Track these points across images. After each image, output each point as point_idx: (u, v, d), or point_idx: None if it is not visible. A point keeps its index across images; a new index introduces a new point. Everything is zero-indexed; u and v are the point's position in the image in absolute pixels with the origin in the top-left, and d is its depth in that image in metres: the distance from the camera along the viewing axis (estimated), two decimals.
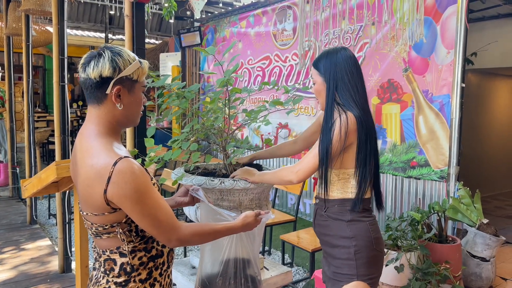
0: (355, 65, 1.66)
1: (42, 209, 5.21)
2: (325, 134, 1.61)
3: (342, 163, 1.64)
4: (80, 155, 1.28)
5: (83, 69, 1.27)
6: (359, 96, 1.62)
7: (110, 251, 1.31)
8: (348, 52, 1.68)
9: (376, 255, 1.66)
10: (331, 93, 1.64)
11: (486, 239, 3.21)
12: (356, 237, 1.63)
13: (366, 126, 1.60)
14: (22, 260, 3.56)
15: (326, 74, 1.67)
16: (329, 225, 1.71)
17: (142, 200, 1.22)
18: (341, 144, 1.58)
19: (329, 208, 1.71)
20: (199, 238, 1.36)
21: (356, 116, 1.58)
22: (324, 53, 1.71)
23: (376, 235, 1.67)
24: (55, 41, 3.01)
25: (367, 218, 1.66)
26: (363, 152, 1.60)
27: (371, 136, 1.62)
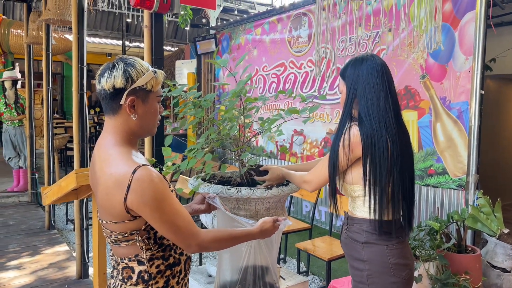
0: (382, 76, 1.52)
1: (60, 215, 5.28)
2: (333, 147, 1.56)
3: (356, 179, 1.55)
4: (99, 164, 1.30)
5: (98, 80, 1.29)
6: (377, 110, 1.50)
7: (128, 259, 1.32)
8: (376, 60, 1.55)
9: (396, 282, 1.53)
10: (348, 105, 1.56)
11: (507, 249, 3.13)
12: (370, 261, 1.53)
13: (374, 141, 1.47)
14: (40, 265, 3.61)
15: (347, 85, 1.57)
16: (347, 244, 1.64)
17: (161, 207, 1.24)
18: (347, 158, 1.52)
19: (350, 226, 1.63)
20: (219, 244, 1.37)
21: (361, 130, 1.49)
22: (351, 61, 1.61)
23: (397, 260, 1.53)
24: (74, 50, 3.07)
25: (386, 241, 1.53)
26: (372, 169, 1.49)
27: (380, 152, 1.47)
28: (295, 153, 5.26)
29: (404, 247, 1.57)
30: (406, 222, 1.58)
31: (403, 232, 1.57)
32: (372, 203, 1.51)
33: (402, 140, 1.53)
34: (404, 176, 1.53)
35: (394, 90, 1.56)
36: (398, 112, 1.55)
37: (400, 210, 1.54)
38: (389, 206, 1.53)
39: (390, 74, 1.56)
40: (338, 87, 1.68)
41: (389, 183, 1.50)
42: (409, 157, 1.57)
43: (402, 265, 1.54)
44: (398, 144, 1.49)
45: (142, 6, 2.02)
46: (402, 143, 1.52)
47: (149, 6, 2.00)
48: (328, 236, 3.37)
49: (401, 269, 1.54)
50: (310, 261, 3.61)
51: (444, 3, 3.58)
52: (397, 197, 1.52)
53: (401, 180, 1.52)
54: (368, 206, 1.54)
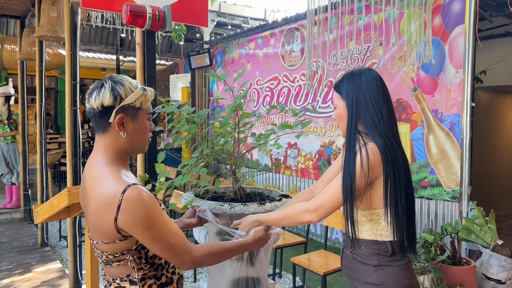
0: (380, 88, 1.48)
1: (53, 231, 5.23)
2: (348, 167, 1.44)
3: (371, 203, 1.46)
4: (90, 184, 1.30)
5: (88, 99, 1.30)
6: (383, 123, 1.44)
7: (120, 279, 1.31)
8: (373, 74, 1.51)
9: None
10: (354, 121, 1.48)
11: (502, 261, 3.14)
12: (383, 285, 1.46)
13: (392, 158, 1.41)
14: (33, 284, 3.56)
15: (348, 99, 1.51)
16: (354, 268, 1.55)
17: (152, 225, 1.23)
18: (365, 179, 1.41)
19: (356, 249, 1.53)
20: (214, 258, 1.36)
21: (379, 147, 1.40)
22: (347, 75, 1.55)
23: (409, 281, 1.48)
24: (67, 66, 3.08)
25: (398, 262, 1.47)
26: (392, 188, 1.41)
27: (399, 169, 1.41)
28: (290, 166, 5.27)
29: (411, 266, 1.53)
30: (409, 239, 1.50)
31: (410, 251, 1.52)
32: (391, 223, 1.44)
33: (405, 155, 1.49)
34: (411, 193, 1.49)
35: (391, 102, 1.52)
36: (397, 124, 1.52)
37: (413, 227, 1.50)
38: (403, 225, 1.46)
39: (386, 86, 1.53)
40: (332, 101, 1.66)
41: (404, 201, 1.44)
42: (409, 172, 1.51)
43: (413, 285, 1.49)
44: (406, 159, 1.47)
45: (134, 25, 2.04)
46: (405, 157, 1.48)
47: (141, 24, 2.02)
48: (323, 250, 3.36)
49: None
50: (305, 276, 3.59)
51: (433, 17, 3.64)
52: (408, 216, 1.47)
53: (411, 198, 1.48)
54: (383, 229, 1.47)
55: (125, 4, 2.08)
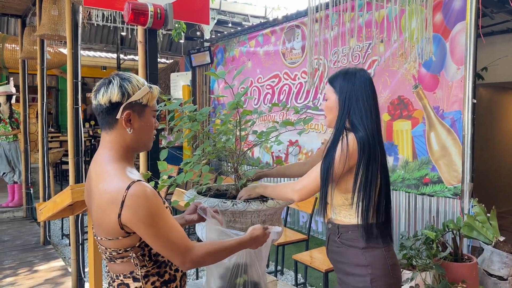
0: (371, 89, 1.62)
1: (55, 229, 5.25)
2: (328, 154, 1.59)
3: (348, 187, 1.60)
4: (95, 180, 1.30)
5: (94, 96, 1.30)
6: (369, 120, 1.58)
7: (123, 276, 1.32)
8: (366, 75, 1.64)
9: (394, 283, 1.61)
10: (344, 115, 1.60)
11: (503, 257, 3.14)
12: (372, 265, 1.58)
13: (369, 149, 1.54)
14: (35, 282, 3.58)
15: (341, 95, 1.62)
16: (343, 252, 1.66)
17: (155, 222, 1.24)
18: (343, 166, 1.54)
19: (343, 234, 1.66)
20: (213, 257, 1.37)
21: (357, 138, 1.55)
22: (343, 72, 1.66)
23: (393, 261, 1.61)
24: (69, 65, 3.08)
25: (383, 244, 1.61)
26: (364, 175, 1.55)
27: (373, 163, 1.56)
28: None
29: (393, 247, 1.66)
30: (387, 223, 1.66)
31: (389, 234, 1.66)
32: (367, 209, 1.58)
33: (383, 147, 1.64)
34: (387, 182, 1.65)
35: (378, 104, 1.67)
36: (380, 124, 1.66)
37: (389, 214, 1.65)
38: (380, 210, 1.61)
39: (375, 88, 1.67)
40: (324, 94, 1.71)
41: (376, 190, 1.59)
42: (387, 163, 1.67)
43: (396, 266, 1.63)
44: (383, 152, 1.62)
45: (136, 23, 2.04)
46: (384, 150, 1.64)
47: (143, 22, 2.02)
48: (325, 247, 3.36)
49: (396, 269, 1.62)
50: (307, 273, 3.60)
51: (434, 14, 3.63)
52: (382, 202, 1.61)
53: (386, 186, 1.62)
54: (364, 212, 1.59)
55: (127, 2, 2.09)
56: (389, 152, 4.14)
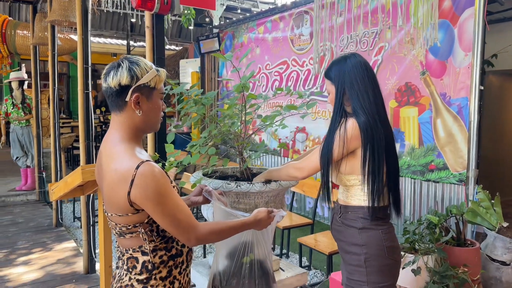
0: (365, 71, 1.63)
1: (67, 213, 5.38)
2: (328, 137, 1.63)
3: (352, 169, 1.64)
4: (105, 159, 1.36)
5: (104, 79, 1.36)
6: (368, 103, 1.59)
7: (132, 250, 1.38)
8: (358, 58, 1.66)
9: (390, 264, 1.65)
10: (339, 99, 1.64)
11: (506, 242, 3.17)
12: (367, 245, 1.63)
13: (373, 133, 1.56)
14: (48, 261, 3.70)
15: (335, 82, 1.66)
16: (342, 231, 1.72)
17: (163, 201, 1.29)
18: (342, 149, 1.59)
19: (344, 214, 1.72)
20: (216, 236, 1.43)
21: (359, 123, 1.57)
22: (335, 61, 1.70)
23: (391, 244, 1.65)
24: (79, 50, 3.14)
25: (381, 226, 1.65)
26: (370, 160, 1.58)
27: (378, 144, 1.58)
28: (298, 150, 5.32)
29: (393, 230, 1.70)
30: (394, 207, 1.70)
31: (390, 217, 1.70)
32: (370, 191, 1.60)
33: (391, 131, 1.66)
34: (395, 164, 1.67)
35: (378, 84, 1.66)
36: (384, 104, 1.67)
37: (391, 196, 1.67)
38: (383, 193, 1.63)
39: (372, 69, 1.67)
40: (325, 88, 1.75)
41: (382, 172, 1.61)
42: (394, 147, 1.69)
43: (394, 248, 1.67)
44: (389, 134, 1.63)
45: (143, 8, 2.09)
46: (391, 133, 1.65)
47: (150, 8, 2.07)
48: (329, 231, 3.42)
49: (393, 251, 1.66)
50: (312, 256, 3.67)
51: (443, 0, 3.62)
52: (391, 184, 1.65)
53: (393, 168, 1.65)
54: (365, 194, 1.63)
55: None
56: (395, 139, 4.16)
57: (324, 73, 1.73)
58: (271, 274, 1.80)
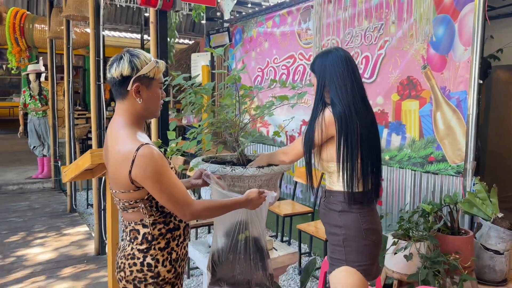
0: (345, 65, 1.73)
1: (81, 200, 5.61)
2: (309, 125, 1.77)
3: (331, 156, 1.75)
4: (110, 142, 1.53)
5: (108, 70, 1.52)
6: (346, 95, 1.70)
7: (134, 223, 1.55)
8: (340, 53, 1.77)
9: (368, 245, 1.76)
10: (319, 91, 1.77)
11: (500, 232, 3.26)
12: (345, 227, 1.75)
13: (347, 122, 1.67)
14: (62, 243, 3.92)
15: (317, 75, 1.78)
16: (326, 214, 1.86)
17: (160, 179, 1.45)
18: (320, 136, 1.72)
19: (327, 198, 1.85)
20: (210, 212, 1.59)
21: (334, 112, 1.69)
22: (318, 55, 1.82)
23: (369, 226, 1.76)
24: (92, 44, 3.32)
25: (359, 210, 1.76)
26: (343, 147, 1.69)
27: (353, 132, 1.67)
28: None
29: (373, 214, 1.79)
30: (374, 192, 1.79)
31: (372, 201, 1.79)
32: (345, 177, 1.72)
33: (369, 121, 1.74)
34: (371, 152, 1.75)
35: (359, 77, 1.77)
36: (364, 96, 1.76)
37: (369, 182, 1.76)
38: (360, 179, 1.73)
39: (355, 63, 1.77)
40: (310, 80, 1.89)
41: (358, 160, 1.71)
42: (375, 136, 1.78)
43: (372, 230, 1.76)
44: (365, 124, 1.71)
45: (147, 5, 2.24)
46: (369, 124, 1.74)
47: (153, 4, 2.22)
48: None
49: (371, 233, 1.76)
50: (313, 243, 3.81)
51: None
52: (366, 172, 1.73)
53: (369, 156, 1.73)
54: (342, 180, 1.73)
55: None
56: (397, 131, 4.27)
57: (310, 66, 1.85)
58: (265, 251, 1.95)
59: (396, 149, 4.26)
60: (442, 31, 3.75)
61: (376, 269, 1.86)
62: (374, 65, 4.45)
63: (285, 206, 3.93)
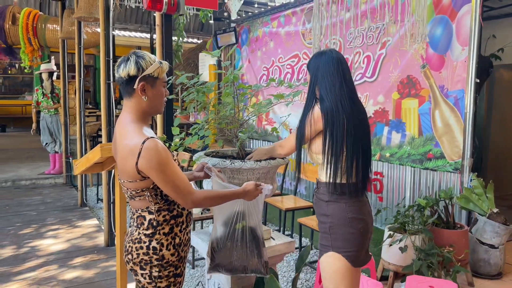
0: (336, 66, 1.85)
1: (91, 195, 5.79)
2: (301, 119, 1.90)
3: (320, 149, 1.87)
4: (119, 136, 1.68)
5: (116, 70, 1.66)
6: (334, 93, 1.82)
7: (141, 210, 1.69)
8: (333, 54, 1.89)
9: (353, 233, 1.85)
10: (312, 89, 1.90)
11: (495, 227, 3.36)
12: (332, 216, 1.87)
13: (333, 118, 1.79)
14: (73, 235, 4.10)
15: (311, 73, 1.92)
16: (316, 203, 1.99)
17: (164, 170, 1.59)
18: (310, 130, 1.85)
19: (318, 188, 1.98)
20: (210, 201, 1.73)
21: (322, 108, 1.82)
22: (314, 55, 1.96)
23: (354, 215, 1.85)
24: (102, 44, 3.48)
25: (345, 200, 1.85)
26: (329, 140, 1.81)
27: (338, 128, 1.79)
28: None
29: (361, 205, 1.89)
30: (361, 184, 1.89)
31: (359, 193, 1.88)
32: (329, 169, 1.84)
33: (357, 117, 1.85)
34: (357, 147, 1.84)
35: (349, 78, 1.89)
36: (352, 95, 1.87)
37: (353, 175, 1.85)
38: (344, 172, 1.84)
39: (346, 65, 1.89)
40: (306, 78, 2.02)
41: (343, 153, 1.82)
42: (364, 131, 1.88)
43: (358, 219, 1.86)
44: (352, 121, 1.82)
45: (153, 9, 2.39)
46: (357, 120, 1.84)
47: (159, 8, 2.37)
48: None
49: (357, 222, 1.86)
50: (313, 237, 3.93)
51: None
52: (350, 165, 1.83)
53: (354, 150, 1.83)
54: (329, 172, 1.85)
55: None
56: (397, 129, 4.38)
57: (307, 65, 1.98)
58: (261, 240, 2.09)
59: (396, 146, 4.37)
60: (440, 31, 3.86)
61: (365, 257, 1.96)
62: (375, 65, 4.57)
63: (287, 201, 4.06)
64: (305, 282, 3.32)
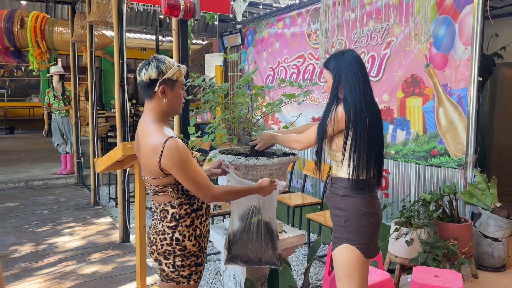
0: (359, 65, 1.93)
1: (103, 194, 5.93)
2: (323, 118, 1.97)
3: (340, 147, 1.95)
4: (142, 136, 1.80)
5: (138, 74, 1.79)
6: (358, 92, 1.89)
7: (164, 204, 1.82)
8: (353, 53, 1.97)
9: (366, 226, 1.95)
10: (335, 87, 1.96)
11: (498, 221, 3.47)
12: (347, 209, 1.96)
13: (357, 117, 1.87)
14: (89, 233, 4.24)
15: (333, 72, 1.97)
16: (330, 198, 2.08)
17: (185, 167, 1.71)
18: (332, 128, 1.91)
19: (333, 184, 2.06)
20: (228, 196, 1.85)
21: (345, 109, 1.88)
22: (334, 55, 2.01)
23: (368, 209, 1.95)
24: (116, 47, 3.61)
25: (360, 195, 1.94)
26: (351, 140, 1.87)
27: (361, 126, 1.87)
28: None
29: (373, 199, 1.99)
30: (376, 180, 1.99)
31: (373, 188, 1.99)
32: (352, 165, 1.92)
33: (376, 116, 1.95)
34: (376, 144, 1.95)
35: (368, 77, 1.98)
36: (372, 94, 1.97)
37: (372, 170, 1.95)
38: (365, 168, 1.94)
39: (364, 64, 1.98)
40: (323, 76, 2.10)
41: (365, 150, 1.91)
42: (380, 130, 1.98)
43: (371, 213, 1.96)
44: (372, 118, 1.92)
45: (171, 15, 2.51)
46: (376, 118, 1.95)
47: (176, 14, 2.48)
48: None
49: (370, 216, 1.96)
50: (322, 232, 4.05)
51: None
52: (370, 161, 1.94)
53: (374, 148, 1.93)
54: (348, 168, 1.94)
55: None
56: (401, 127, 4.48)
57: (323, 63, 2.05)
58: (275, 233, 2.21)
59: (401, 143, 4.48)
60: (444, 31, 3.96)
61: (375, 249, 2.07)
62: (380, 64, 4.67)
63: (295, 197, 4.18)
64: (314, 275, 3.43)
